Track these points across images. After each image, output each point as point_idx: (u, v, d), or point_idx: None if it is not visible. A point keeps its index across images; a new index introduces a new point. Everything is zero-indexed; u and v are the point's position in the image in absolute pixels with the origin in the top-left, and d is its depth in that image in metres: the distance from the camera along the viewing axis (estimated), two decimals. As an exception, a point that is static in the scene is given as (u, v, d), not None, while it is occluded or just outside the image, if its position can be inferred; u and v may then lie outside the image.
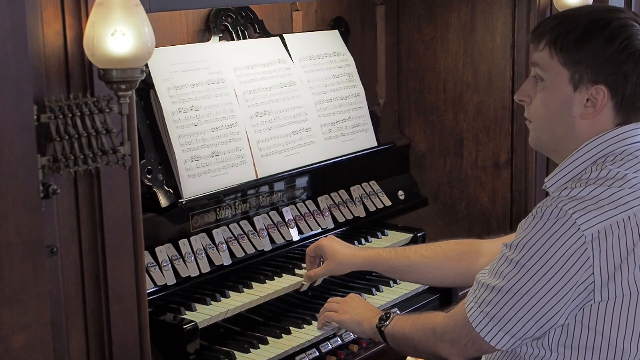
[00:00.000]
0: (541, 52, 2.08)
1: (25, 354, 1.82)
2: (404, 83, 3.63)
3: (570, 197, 1.96)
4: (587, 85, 2.03)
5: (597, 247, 1.92)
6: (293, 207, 3.03)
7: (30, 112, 1.79)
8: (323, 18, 3.32)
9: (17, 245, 1.79)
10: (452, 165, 3.57)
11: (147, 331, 2.15)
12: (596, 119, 2.04)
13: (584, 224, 1.92)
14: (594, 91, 2.02)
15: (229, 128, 2.80)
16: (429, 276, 2.69)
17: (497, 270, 2.03)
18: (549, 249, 1.94)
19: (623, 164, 2.01)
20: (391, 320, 2.36)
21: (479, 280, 2.08)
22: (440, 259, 2.65)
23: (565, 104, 2.06)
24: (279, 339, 2.60)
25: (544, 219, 1.96)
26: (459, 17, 3.45)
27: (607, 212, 1.93)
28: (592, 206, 1.94)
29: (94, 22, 1.87)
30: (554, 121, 2.09)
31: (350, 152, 3.19)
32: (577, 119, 2.05)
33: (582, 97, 2.04)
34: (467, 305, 2.08)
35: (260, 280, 2.75)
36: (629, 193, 1.96)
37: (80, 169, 1.91)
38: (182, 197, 2.63)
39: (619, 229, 1.93)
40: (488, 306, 2.02)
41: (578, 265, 1.92)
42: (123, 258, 2.07)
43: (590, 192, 1.96)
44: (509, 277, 1.99)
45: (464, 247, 2.65)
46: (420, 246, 2.76)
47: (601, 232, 1.92)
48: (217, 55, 2.86)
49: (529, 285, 1.96)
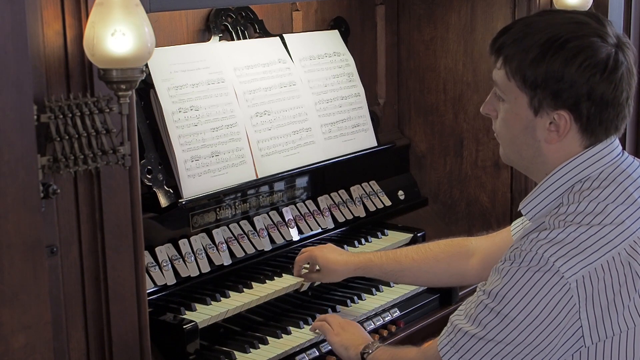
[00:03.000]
0: (499, 71, 1.99)
1: (25, 354, 1.82)
2: (404, 83, 3.63)
3: (550, 241, 1.86)
4: (547, 111, 1.93)
5: (583, 293, 1.84)
6: (293, 207, 3.03)
7: (30, 112, 1.79)
8: (323, 18, 3.32)
9: (17, 245, 1.79)
10: (452, 165, 3.57)
11: (147, 331, 2.15)
12: (563, 143, 1.95)
13: (568, 272, 1.83)
14: (556, 116, 1.92)
15: (229, 128, 2.80)
16: (422, 278, 2.69)
17: (475, 318, 1.93)
18: (532, 299, 1.85)
19: (601, 192, 1.91)
20: (375, 351, 2.31)
21: (455, 325, 1.98)
22: (430, 262, 2.64)
23: (528, 127, 1.96)
24: (279, 339, 2.60)
25: (524, 266, 1.87)
26: (459, 17, 3.45)
27: (591, 256, 1.84)
28: (574, 250, 1.84)
29: (94, 22, 1.87)
30: (518, 144, 2.01)
31: (350, 152, 3.19)
32: (543, 143, 1.96)
33: (544, 122, 1.94)
34: (442, 348, 1.99)
35: (260, 280, 2.75)
36: (611, 230, 1.87)
37: (80, 169, 1.91)
38: (182, 197, 2.63)
39: (604, 272, 1.85)
40: (467, 353, 1.94)
41: (564, 313, 1.84)
42: (123, 258, 2.07)
43: (571, 234, 1.86)
44: (490, 327, 1.90)
45: (454, 249, 2.63)
46: (411, 249, 2.74)
47: (586, 277, 1.84)
48: (217, 55, 2.86)
49: (513, 335, 1.87)
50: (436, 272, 2.63)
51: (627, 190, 1.93)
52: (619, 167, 1.97)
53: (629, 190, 1.93)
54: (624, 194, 1.92)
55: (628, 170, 1.97)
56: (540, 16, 2.02)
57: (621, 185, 1.93)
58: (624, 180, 1.94)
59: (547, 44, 1.91)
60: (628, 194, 1.93)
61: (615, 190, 1.92)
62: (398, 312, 2.90)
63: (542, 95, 1.92)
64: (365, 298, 2.89)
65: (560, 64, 1.89)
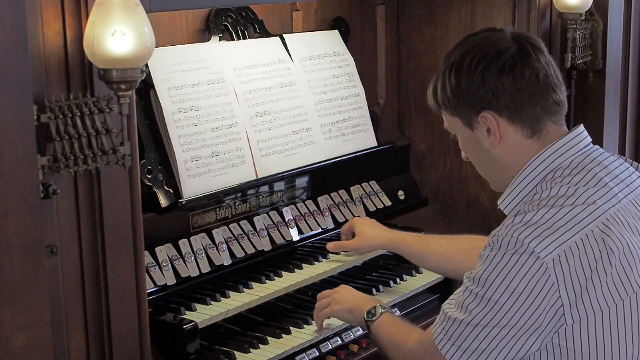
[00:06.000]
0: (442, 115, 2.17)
1: (25, 354, 1.82)
2: (404, 83, 3.63)
3: (524, 224, 1.93)
4: (475, 119, 2.07)
5: (560, 271, 1.89)
6: (293, 207, 3.03)
7: (30, 112, 1.79)
8: (323, 18, 3.32)
9: (17, 245, 1.79)
10: (452, 165, 3.57)
11: (147, 331, 2.15)
12: (506, 141, 2.06)
13: (543, 251, 1.89)
14: (483, 120, 2.05)
15: (229, 128, 2.80)
16: (443, 265, 2.78)
17: (462, 304, 2.00)
18: (511, 281, 1.91)
19: (572, 178, 1.99)
20: (378, 317, 2.37)
21: (445, 313, 2.05)
22: (454, 250, 2.74)
23: (475, 143, 2.11)
24: (279, 339, 2.60)
25: (502, 250, 1.94)
26: (459, 17, 3.45)
27: (564, 235, 1.91)
28: (547, 231, 1.91)
29: (94, 22, 1.87)
30: (480, 163, 2.17)
31: (350, 152, 3.19)
32: (492, 150, 2.08)
33: (481, 131, 2.07)
34: (437, 337, 2.05)
35: (260, 280, 2.75)
36: (582, 210, 1.94)
37: (80, 169, 1.91)
38: (182, 197, 2.63)
39: (578, 250, 1.90)
40: (458, 340, 2.00)
41: (544, 292, 1.90)
42: (123, 258, 2.07)
43: (544, 216, 1.93)
44: (475, 312, 1.97)
45: (478, 243, 2.67)
46: (441, 236, 2.85)
47: (561, 255, 1.89)
48: (217, 55, 2.86)
49: (497, 318, 1.94)
50: (457, 261, 2.71)
51: (598, 175, 2.01)
52: (588, 156, 2.05)
53: (599, 175, 2.01)
54: (595, 178, 2.00)
55: (598, 159, 2.05)
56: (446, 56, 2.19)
57: (591, 171, 2.01)
58: (594, 167, 2.03)
59: (444, 68, 2.11)
60: (598, 178, 2.01)
61: (586, 176, 2.01)
62: (398, 312, 2.89)
63: (462, 110, 2.08)
64: (365, 298, 2.89)
65: (455, 78, 2.07)
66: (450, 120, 2.15)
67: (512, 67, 2.02)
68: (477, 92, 2.04)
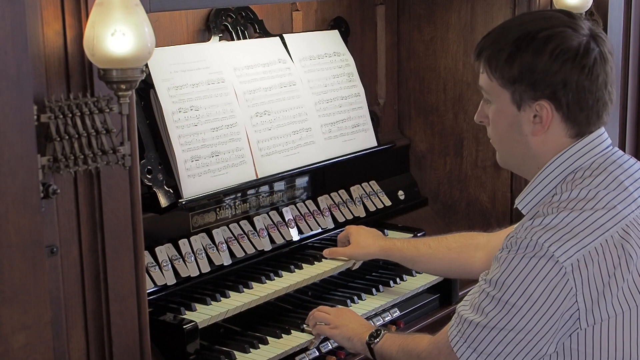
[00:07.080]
0: (482, 75, 2.06)
1: (25, 354, 1.82)
2: (404, 83, 3.63)
3: (544, 227, 1.91)
4: (529, 103, 1.99)
5: (579, 276, 1.88)
6: (293, 207, 3.03)
7: (30, 112, 1.79)
8: (323, 18, 3.32)
9: (17, 245, 1.79)
10: (452, 165, 3.57)
11: (147, 331, 2.15)
12: (548, 134, 2.00)
13: (562, 255, 1.88)
14: (537, 107, 1.98)
15: (229, 128, 2.80)
16: (435, 266, 2.79)
17: (478, 306, 1.98)
18: (530, 284, 1.90)
19: (593, 180, 1.96)
20: (381, 338, 2.36)
21: (461, 315, 2.03)
22: (443, 250, 2.74)
23: (514, 124, 2.03)
24: (279, 339, 2.60)
25: (520, 253, 1.91)
26: (459, 17, 3.45)
27: (584, 240, 1.89)
28: (567, 235, 1.89)
29: (94, 22, 1.87)
30: (508, 142, 2.07)
31: (350, 152, 3.19)
32: (530, 137, 2.02)
33: (528, 115, 2.00)
34: (452, 339, 2.04)
35: (260, 280, 2.74)
36: (603, 214, 1.92)
37: (80, 169, 1.91)
38: (182, 197, 2.63)
39: (597, 255, 1.89)
40: (474, 342, 1.98)
41: (562, 297, 1.89)
42: (123, 258, 2.07)
43: (564, 219, 1.91)
44: (492, 315, 1.95)
45: (467, 240, 2.73)
46: (430, 238, 2.86)
47: (580, 260, 1.88)
48: (217, 55, 2.86)
49: (514, 321, 1.92)
50: (447, 260, 2.73)
51: (618, 178, 1.99)
52: (609, 157, 2.03)
53: (620, 178, 1.99)
54: (615, 181, 1.98)
55: (618, 161, 2.03)
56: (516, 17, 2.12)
57: (612, 174, 1.99)
58: (615, 169, 2.00)
59: (519, 39, 1.99)
60: (619, 181, 1.98)
61: (606, 179, 1.98)
62: (398, 312, 2.90)
63: (520, 88, 1.99)
64: (365, 298, 2.89)
65: (532, 55, 1.96)
66: (493, 88, 2.04)
67: (591, 69, 1.97)
68: (548, 79, 1.96)
